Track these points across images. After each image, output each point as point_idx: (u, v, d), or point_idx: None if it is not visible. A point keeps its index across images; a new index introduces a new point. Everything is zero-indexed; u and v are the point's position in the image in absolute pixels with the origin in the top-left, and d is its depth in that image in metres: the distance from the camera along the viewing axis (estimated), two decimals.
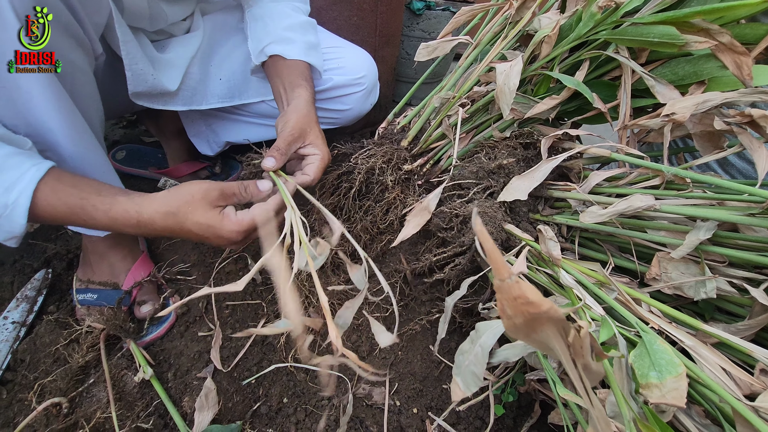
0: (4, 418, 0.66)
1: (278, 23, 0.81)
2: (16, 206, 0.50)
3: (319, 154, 0.69)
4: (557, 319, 0.19)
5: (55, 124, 0.57)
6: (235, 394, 0.69)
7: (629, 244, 0.65)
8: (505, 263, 0.18)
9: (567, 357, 0.21)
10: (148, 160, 1.14)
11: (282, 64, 0.79)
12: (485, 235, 0.18)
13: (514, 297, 0.18)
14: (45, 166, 0.52)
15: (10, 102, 0.55)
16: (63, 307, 0.78)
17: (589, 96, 0.67)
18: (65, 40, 0.57)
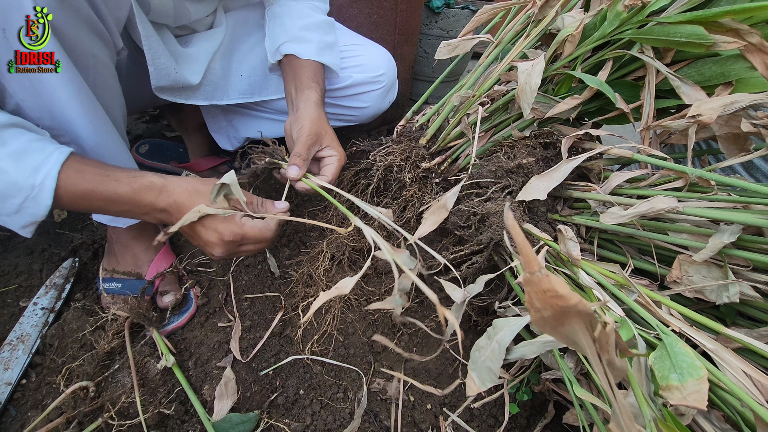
0: (33, 400, 0.68)
1: (295, 22, 0.82)
2: (42, 187, 0.51)
3: (336, 155, 0.72)
4: (585, 313, 0.19)
5: (76, 116, 0.59)
6: (253, 384, 0.70)
7: (649, 246, 0.64)
8: (535, 256, 0.18)
9: (593, 352, 0.21)
10: (170, 155, 1.16)
11: (296, 63, 0.80)
12: (517, 229, 0.18)
13: (543, 290, 0.19)
14: (67, 150, 0.54)
15: (36, 95, 0.57)
16: (89, 295, 0.81)
17: (611, 96, 0.66)
18: (87, 34, 0.59)
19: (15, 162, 0.51)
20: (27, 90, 0.56)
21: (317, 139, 0.71)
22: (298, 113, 0.73)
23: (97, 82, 0.63)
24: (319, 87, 0.78)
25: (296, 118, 0.72)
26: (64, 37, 0.56)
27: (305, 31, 0.81)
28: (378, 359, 0.75)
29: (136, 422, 0.63)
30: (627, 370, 0.24)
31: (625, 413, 0.24)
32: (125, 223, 0.75)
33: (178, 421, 0.67)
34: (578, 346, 0.22)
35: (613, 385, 0.23)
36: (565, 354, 0.58)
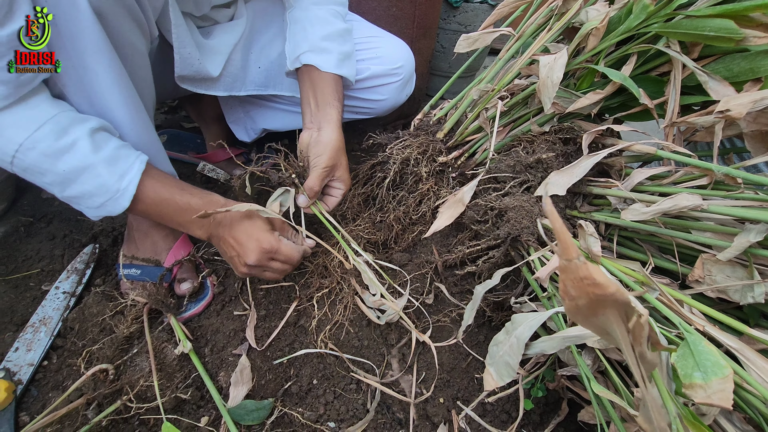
0: (54, 381, 0.70)
1: (317, 30, 0.80)
2: (125, 191, 0.59)
3: (343, 188, 0.77)
4: (622, 302, 0.19)
5: (115, 103, 0.61)
6: (268, 373, 0.71)
7: (671, 244, 0.63)
8: (573, 243, 0.18)
9: (627, 343, 0.21)
10: (188, 145, 1.18)
11: (316, 75, 0.79)
12: (555, 215, 0.18)
13: (580, 277, 0.18)
14: (144, 158, 0.62)
15: (79, 82, 0.58)
16: (109, 281, 0.82)
17: (635, 91, 0.65)
18: (128, 22, 0.60)
19: (108, 167, 0.58)
20: (71, 76, 0.58)
21: (332, 169, 0.74)
22: (320, 135, 0.74)
23: (134, 71, 0.64)
24: (339, 104, 0.79)
25: (318, 141, 0.74)
26: (108, 25, 0.56)
27: (327, 42, 0.80)
28: (391, 352, 0.76)
29: (154, 405, 0.64)
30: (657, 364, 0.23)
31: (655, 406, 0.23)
32: None
33: (194, 406, 0.68)
34: (611, 337, 0.21)
35: (646, 377, 0.22)
36: (583, 351, 0.57)
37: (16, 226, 0.92)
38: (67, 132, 0.56)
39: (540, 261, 0.63)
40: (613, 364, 0.57)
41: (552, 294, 0.61)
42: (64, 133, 0.56)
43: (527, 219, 0.66)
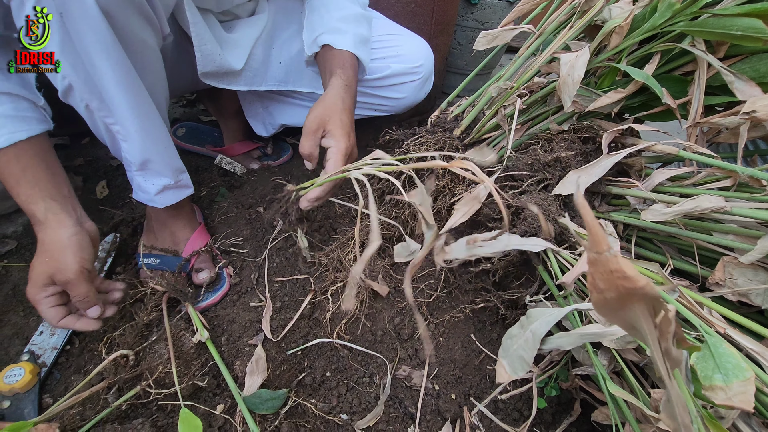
0: (76, 365, 0.72)
1: (333, 14, 0.82)
2: None
3: (333, 146, 0.68)
4: (652, 296, 0.19)
5: (122, 100, 0.62)
6: (282, 363, 0.72)
7: (691, 246, 0.63)
8: (604, 235, 0.18)
9: (654, 338, 0.21)
10: (205, 138, 1.19)
11: (330, 54, 0.79)
12: (587, 207, 0.18)
13: (610, 270, 0.19)
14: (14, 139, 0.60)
15: (86, 77, 0.59)
16: (129, 269, 0.84)
17: (658, 90, 0.64)
18: (136, 18, 0.60)
19: None
20: (79, 72, 0.59)
21: (319, 125, 0.69)
22: (319, 98, 0.73)
23: (144, 67, 0.65)
24: (345, 74, 0.76)
25: (314, 104, 0.72)
26: (116, 22, 0.57)
27: (342, 23, 0.81)
28: (404, 346, 0.76)
29: (172, 392, 0.66)
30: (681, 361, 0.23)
31: (680, 402, 0.23)
32: (162, 203, 0.77)
33: (211, 394, 0.69)
34: (637, 332, 0.21)
35: (671, 373, 0.23)
36: (599, 351, 0.57)
37: None
38: None
39: (556, 260, 0.63)
40: (629, 365, 0.56)
41: (568, 293, 0.61)
42: None
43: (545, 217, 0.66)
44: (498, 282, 0.78)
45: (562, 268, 0.62)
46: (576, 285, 0.64)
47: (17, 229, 0.91)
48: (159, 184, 0.74)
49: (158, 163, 0.72)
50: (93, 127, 0.70)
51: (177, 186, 0.77)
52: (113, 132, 0.67)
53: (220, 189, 1.05)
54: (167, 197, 0.77)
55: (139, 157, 0.70)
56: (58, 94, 0.64)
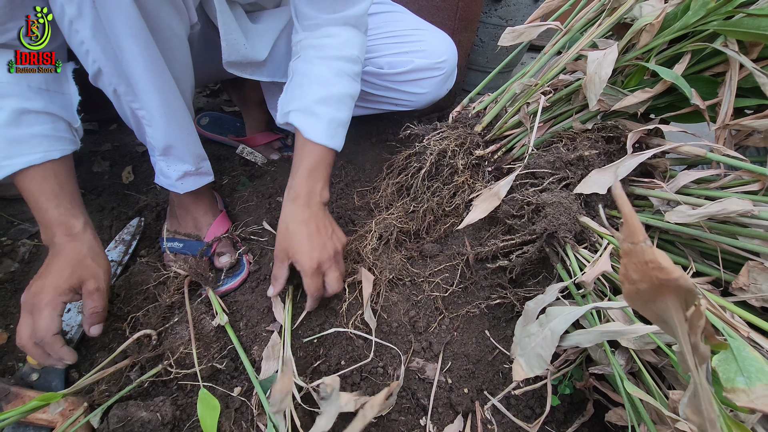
0: (101, 342, 0.75)
1: (315, 91, 0.74)
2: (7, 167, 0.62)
3: (300, 270, 0.69)
4: (685, 288, 0.19)
5: (149, 86, 0.63)
6: (299, 350, 0.73)
7: (715, 250, 0.62)
8: (641, 226, 0.19)
9: (684, 331, 0.21)
10: (228, 128, 1.21)
11: (299, 140, 0.75)
12: (624, 198, 0.18)
13: (645, 261, 0.19)
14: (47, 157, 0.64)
15: (116, 62, 0.61)
16: (152, 253, 0.86)
17: (687, 91, 0.63)
18: (166, 7, 0.62)
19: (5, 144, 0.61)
20: (109, 57, 0.61)
21: (284, 256, 0.71)
22: (279, 223, 0.73)
23: (171, 54, 0.66)
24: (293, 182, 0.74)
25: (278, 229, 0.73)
26: (145, 9, 0.58)
27: (320, 105, 0.73)
28: (418, 339, 0.77)
29: (192, 372, 0.68)
30: (709, 357, 0.23)
31: (706, 396, 0.23)
32: (183, 189, 0.79)
33: (228, 376, 0.71)
34: (667, 325, 0.22)
35: (699, 367, 0.23)
36: (616, 351, 0.57)
37: None
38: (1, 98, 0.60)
39: (576, 258, 0.63)
40: (646, 366, 0.56)
41: (587, 292, 0.60)
42: None
43: (565, 215, 0.65)
44: (514, 279, 0.78)
45: (581, 266, 0.62)
46: (595, 285, 0.64)
47: None
48: (180, 169, 0.76)
49: (180, 149, 0.74)
50: (120, 112, 0.72)
51: (197, 173, 0.79)
52: (139, 117, 0.69)
53: (241, 178, 1.07)
54: (188, 183, 0.79)
55: (163, 142, 0.72)
56: (89, 78, 0.66)
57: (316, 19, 0.76)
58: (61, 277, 0.63)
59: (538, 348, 0.50)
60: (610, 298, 0.61)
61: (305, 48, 0.77)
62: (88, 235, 0.68)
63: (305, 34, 0.78)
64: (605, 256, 0.57)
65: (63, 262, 0.64)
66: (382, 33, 0.97)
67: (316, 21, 0.76)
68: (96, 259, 0.67)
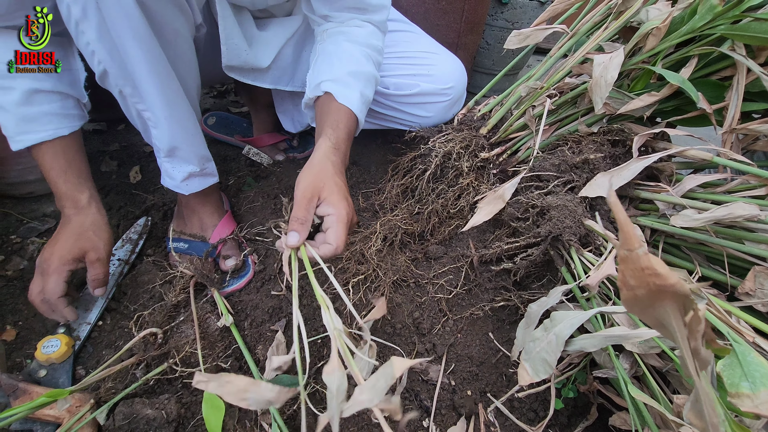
0: (108, 340, 0.75)
1: (345, 65, 0.75)
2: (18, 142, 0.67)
3: (333, 213, 0.58)
4: (682, 294, 0.19)
5: (152, 86, 0.64)
6: (302, 351, 0.74)
7: (721, 254, 0.62)
8: (636, 234, 0.19)
9: (683, 336, 0.21)
10: (235, 128, 1.22)
11: (329, 105, 0.73)
12: (619, 206, 0.19)
13: (641, 267, 0.19)
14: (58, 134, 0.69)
15: (121, 64, 0.62)
16: (159, 252, 0.87)
17: (694, 95, 0.63)
18: (171, 8, 0.62)
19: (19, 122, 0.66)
20: (114, 59, 0.61)
21: (314, 193, 0.59)
22: (306, 163, 0.65)
23: (176, 55, 0.67)
24: (335, 134, 0.69)
25: (302, 170, 0.63)
26: (150, 11, 0.59)
27: (351, 78, 0.74)
28: (422, 341, 0.77)
29: (196, 371, 0.68)
30: (710, 362, 0.23)
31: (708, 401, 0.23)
32: (188, 190, 0.80)
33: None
34: (667, 331, 0.22)
35: (700, 371, 0.23)
36: (621, 355, 0.57)
37: None
38: (14, 79, 0.64)
39: (581, 261, 0.63)
40: (650, 370, 0.56)
41: (592, 296, 0.60)
42: (11, 79, 0.64)
43: (570, 219, 0.65)
44: (519, 282, 0.78)
45: (586, 270, 0.62)
46: (599, 288, 0.64)
47: (56, 208, 0.96)
48: (185, 170, 0.77)
49: (185, 151, 0.75)
50: (126, 113, 0.73)
51: (202, 174, 0.80)
52: (144, 118, 0.70)
53: (247, 179, 1.08)
54: (192, 184, 0.79)
55: (168, 143, 0.72)
56: (96, 78, 0.67)
57: (340, 17, 0.81)
58: (64, 248, 0.69)
59: (543, 353, 0.50)
60: (615, 302, 0.61)
61: (333, 35, 0.80)
62: (92, 208, 0.74)
63: (332, 24, 0.82)
64: (610, 260, 0.57)
65: (68, 234, 0.71)
66: (393, 53, 0.96)
67: (341, 18, 0.81)
68: (97, 232, 0.72)
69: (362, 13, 0.81)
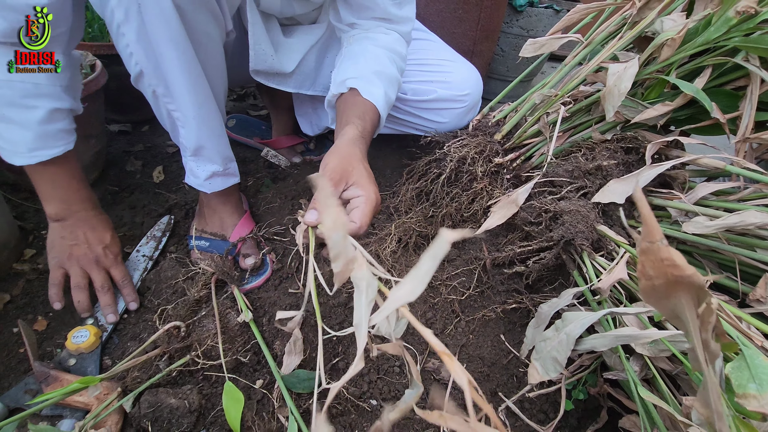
0: (132, 332, 0.78)
1: (370, 65, 0.79)
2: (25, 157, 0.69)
3: (362, 195, 0.59)
4: (697, 286, 0.21)
5: (184, 89, 0.67)
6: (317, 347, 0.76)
7: (733, 262, 0.63)
8: (658, 227, 0.21)
9: (695, 327, 0.23)
10: (254, 131, 1.26)
11: (353, 100, 0.75)
12: (643, 200, 0.20)
13: (661, 258, 0.21)
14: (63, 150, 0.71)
15: (156, 65, 0.65)
16: (181, 249, 0.90)
17: (707, 104, 0.64)
18: (205, 14, 0.66)
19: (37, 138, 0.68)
20: (150, 60, 0.65)
21: (342, 176, 0.60)
22: (331, 148, 0.65)
23: (207, 58, 0.70)
24: (362, 124, 0.71)
25: (327, 154, 0.64)
26: (185, 16, 0.62)
27: (376, 77, 0.77)
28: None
29: (217, 364, 0.71)
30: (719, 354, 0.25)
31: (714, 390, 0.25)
32: (210, 189, 0.83)
33: (251, 369, 0.74)
34: (680, 321, 0.23)
35: (709, 362, 0.24)
36: (631, 357, 0.58)
37: (103, 194, 1.03)
38: (38, 98, 0.66)
39: (593, 266, 0.64)
40: (660, 373, 0.57)
41: (603, 299, 0.62)
42: (36, 98, 0.66)
43: (583, 223, 0.67)
44: (531, 285, 0.80)
45: (597, 274, 0.63)
46: (611, 292, 0.65)
47: None
48: (209, 170, 0.80)
49: (210, 150, 0.78)
50: (157, 112, 0.76)
51: (225, 173, 0.83)
52: (174, 118, 0.73)
53: (265, 180, 1.11)
54: (215, 183, 0.83)
55: (194, 143, 0.76)
56: (131, 80, 0.70)
57: (366, 25, 0.85)
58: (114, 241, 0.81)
59: (553, 351, 0.51)
60: (626, 306, 0.62)
61: (359, 39, 0.84)
62: (98, 212, 0.82)
63: (358, 30, 0.85)
64: (622, 264, 0.59)
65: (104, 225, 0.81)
66: (412, 60, 0.99)
67: (367, 26, 0.85)
68: (109, 232, 0.81)
69: (388, 23, 0.84)
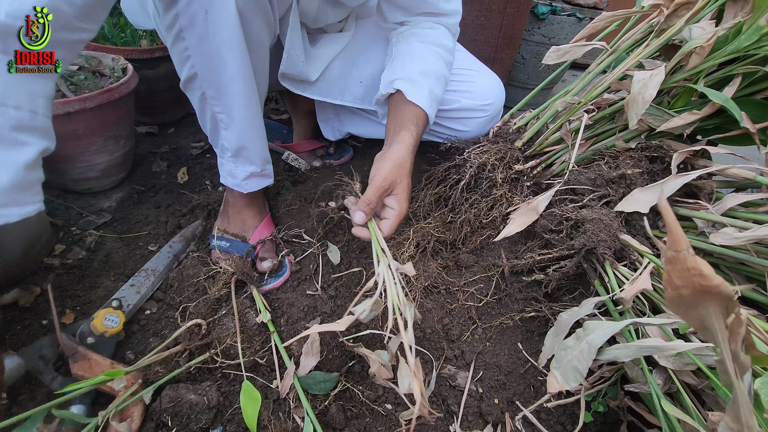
0: (155, 329, 0.80)
1: (416, 65, 0.83)
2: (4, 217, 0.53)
3: (396, 209, 0.70)
4: (725, 295, 0.21)
5: (237, 90, 0.69)
6: (335, 349, 0.76)
7: (762, 275, 0.61)
8: (684, 236, 0.21)
9: (725, 337, 0.22)
10: (275, 135, 1.28)
11: (403, 103, 0.80)
12: (668, 209, 0.20)
13: (687, 268, 0.20)
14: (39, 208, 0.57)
15: (211, 70, 0.67)
16: (202, 248, 0.92)
17: (737, 114, 0.63)
18: (261, 21, 0.68)
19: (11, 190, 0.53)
20: (207, 63, 0.67)
21: (390, 186, 0.70)
22: (388, 151, 0.73)
23: (256, 63, 0.72)
24: (416, 131, 0.78)
25: (384, 156, 0.73)
26: (245, 22, 0.64)
27: (421, 76, 0.81)
28: (451, 347, 0.78)
29: (235, 363, 0.72)
30: (749, 367, 0.24)
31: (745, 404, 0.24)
32: (247, 189, 0.85)
33: (268, 369, 0.75)
34: (708, 332, 0.23)
35: (738, 374, 0.24)
36: (654, 370, 0.57)
37: (130, 193, 1.06)
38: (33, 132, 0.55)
39: (615, 275, 0.63)
40: (685, 387, 0.56)
41: (625, 309, 0.61)
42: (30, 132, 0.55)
43: (605, 232, 0.66)
44: (550, 294, 0.79)
45: (620, 284, 0.62)
46: (634, 303, 0.64)
47: (112, 204, 1.03)
48: (247, 170, 0.82)
49: (251, 151, 0.80)
50: (200, 114, 0.78)
51: (262, 174, 0.85)
52: (217, 120, 0.76)
53: (285, 183, 1.13)
54: (252, 183, 0.85)
55: (236, 144, 0.78)
56: (180, 83, 0.73)
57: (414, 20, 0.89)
58: None
59: (574, 361, 0.51)
60: (649, 317, 0.61)
61: (407, 37, 0.87)
62: None
63: (406, 27, 0.89)
64: (646, 274, 0.57)
65: None
66: None
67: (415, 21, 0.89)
68: None
69: (436, 17, 0.87)
